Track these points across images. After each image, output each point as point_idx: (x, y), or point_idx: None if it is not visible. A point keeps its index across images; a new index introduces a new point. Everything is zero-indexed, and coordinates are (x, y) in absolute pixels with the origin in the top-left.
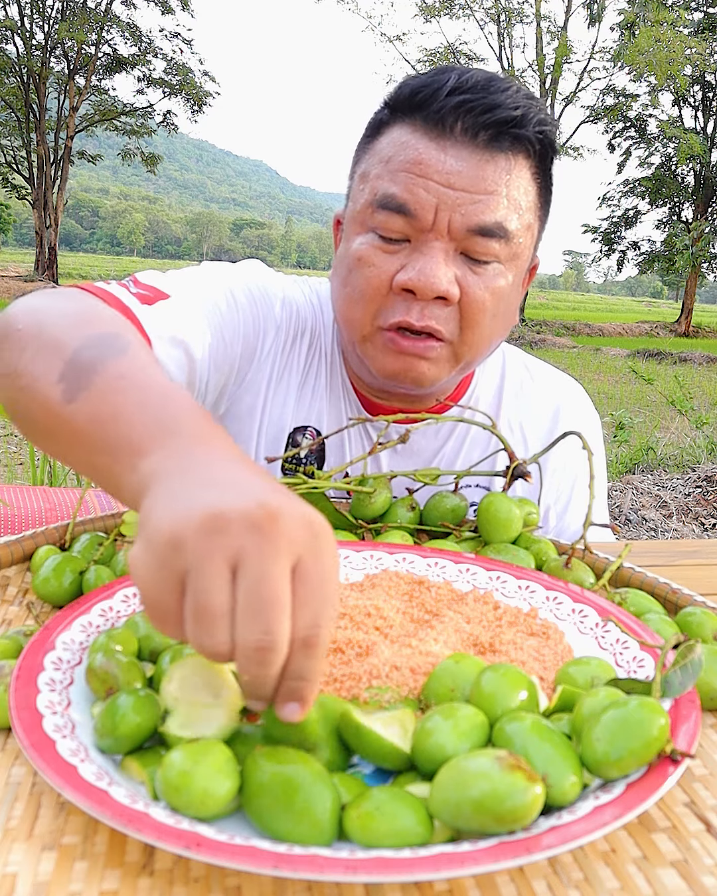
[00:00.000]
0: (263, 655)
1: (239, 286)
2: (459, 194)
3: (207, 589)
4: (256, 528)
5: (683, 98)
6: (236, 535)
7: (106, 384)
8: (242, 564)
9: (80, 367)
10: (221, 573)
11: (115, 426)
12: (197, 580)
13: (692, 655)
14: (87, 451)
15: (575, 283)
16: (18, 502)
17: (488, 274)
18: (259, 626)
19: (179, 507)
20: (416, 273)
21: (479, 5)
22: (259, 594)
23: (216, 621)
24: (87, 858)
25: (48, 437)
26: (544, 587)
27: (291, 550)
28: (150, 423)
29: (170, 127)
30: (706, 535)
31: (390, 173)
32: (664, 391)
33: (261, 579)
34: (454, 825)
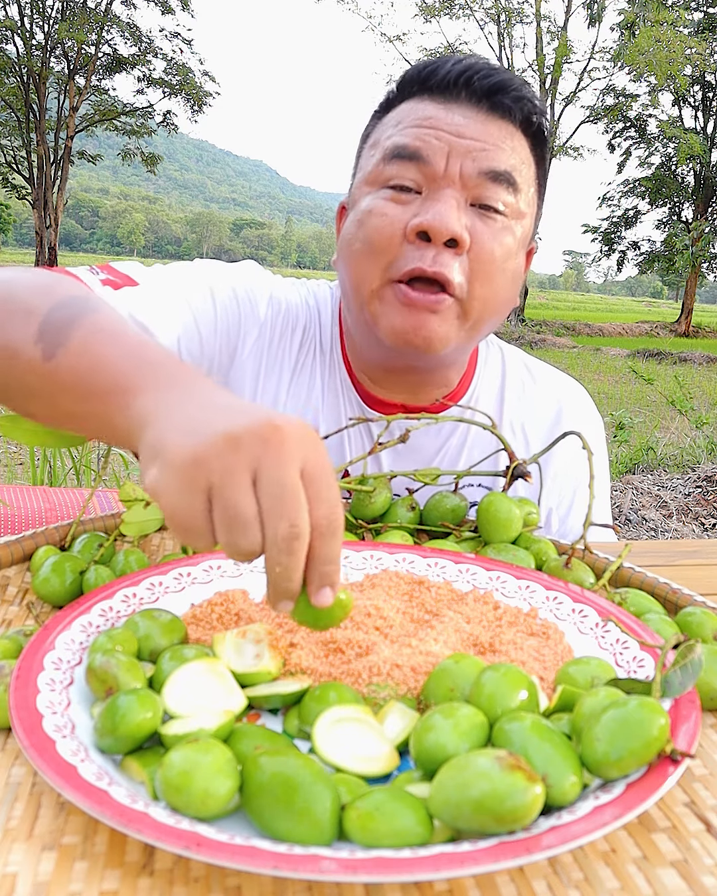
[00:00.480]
0: (291, 544)
1: (222, 284)
2: (469, 142)
3: (236, 498)
4: (268, 442)
5: (683, 98)
6: (251, 449)
7: (83, 338)
8: (261, 473)
9: (55, 325)
10: (245, 483)
11: (100, 373)
12: (225, 492)
13: (692, 655)
14: (72, 400)
15: (575, 283)
16: (18, 502)
17: (497, 225)
18: (285, 520)
19: (194, 431)
20: (430, 215)
21: (479, 5)
22: (281, 494)
23: (248, 524)
24: (87, 858)
25: (30, 397)
26: (544, 587)
27: (298, 457)
28: (134, 367)
29: (170, 127)
30: (706, 535)
31: (401, 130)
32: (664, 391)
33: (279, 482)
34: (454, 825)
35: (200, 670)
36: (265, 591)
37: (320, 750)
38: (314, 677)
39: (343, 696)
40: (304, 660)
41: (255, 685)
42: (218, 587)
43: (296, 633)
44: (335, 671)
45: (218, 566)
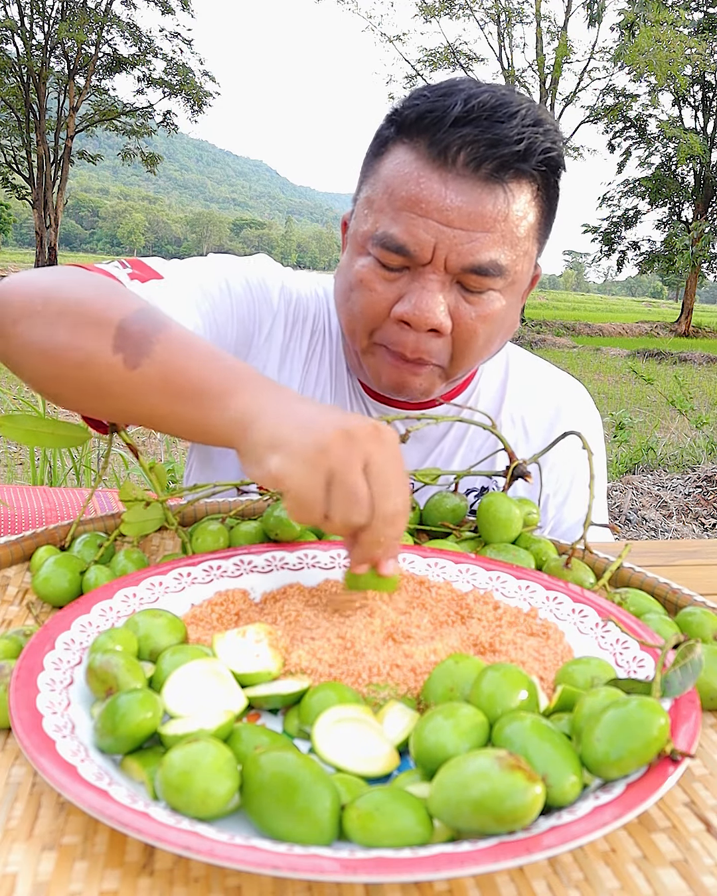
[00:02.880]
0: (397, 519)
1: (236, 275)
2: (456, 232)
3: (354, 481)
4: (375, 438)
5: (683, 98)
6: (364, 443)
7: (164, 349)
8: (372, 463)
9: (133, 337)
10: (360, 469)
11: (188, 379)
12: (346, 476)
13: (692, 655)
14: (159, 403)
15: (575, 283)
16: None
17: (482, 302)
18: (392, 500)
19: (310, 426)
20: (411, 307)
21: (479, 5)
22: (389, 481)
23: (363, 502)
24: (87, 858)
25: (108, 398)
26: (544, 587)
27: (397, 454)
28: (221, 372)
29: (170, 127)
30: (706, 535)
31: (393, 211)
32: (664, 391)
33: (387, 471)
34: (454, 825)
35: (200, 670)
36: (350, 559)
37: (320, 750)
38: (314, 677)
39: (343, 696)
40: (304, 660)
41: (255, 685)
42: (218, 587)
43: (296, 633)
44: (335, 671)
45: (218, 566)
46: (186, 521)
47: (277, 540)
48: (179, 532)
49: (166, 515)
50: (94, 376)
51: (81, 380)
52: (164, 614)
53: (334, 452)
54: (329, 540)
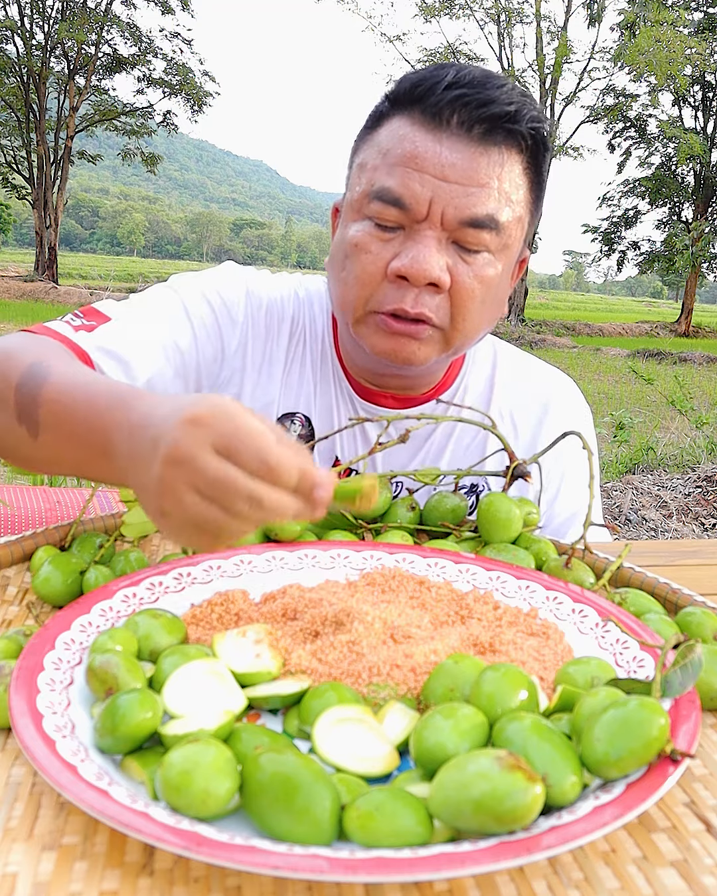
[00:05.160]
0: (280, 470)
1: (194, 296)
2: (452, 187)
3: (215, 476)
4: (200, 423)
5: (683, 98)
6: (199, 436)
7: (49, 414)
8: (219, 446)
9: (24, 405)
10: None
11: (75, 440)
12: (205, 480)
13: (692, 655)
14: (68, 465)
15: (575, 283)
16: (18, 502)
17: (478, 263)
18: (263, 457)
19: (151, 455)
20: (409, 260)
21: (479, 5)
22: (245, 445)
23: (239, 483)
24: (87, 858)
25: (35, 462)
26: (544, 587)
27: (208, 447)
28: (96, 421)
29: (170, 127)
30: (706, 535)
31: (388, 166)
32: (664, 391)
33: (238, 440)
34: (454, 825)
35: (200, 670)
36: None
37: (320, 750)
38: (314, 677)
39: (343, 696)
40: (304, 660)
41: (255, 685)
42: (218, 587)
43: (297, 633)
44: (335, 671)
45: (218, 566)
46: None
47: (277, 540)
48: None
49: None
50: (12, 448)
51: (6, 450)
52: (164, 614)
53: (172, 469)
54: (329, 540)
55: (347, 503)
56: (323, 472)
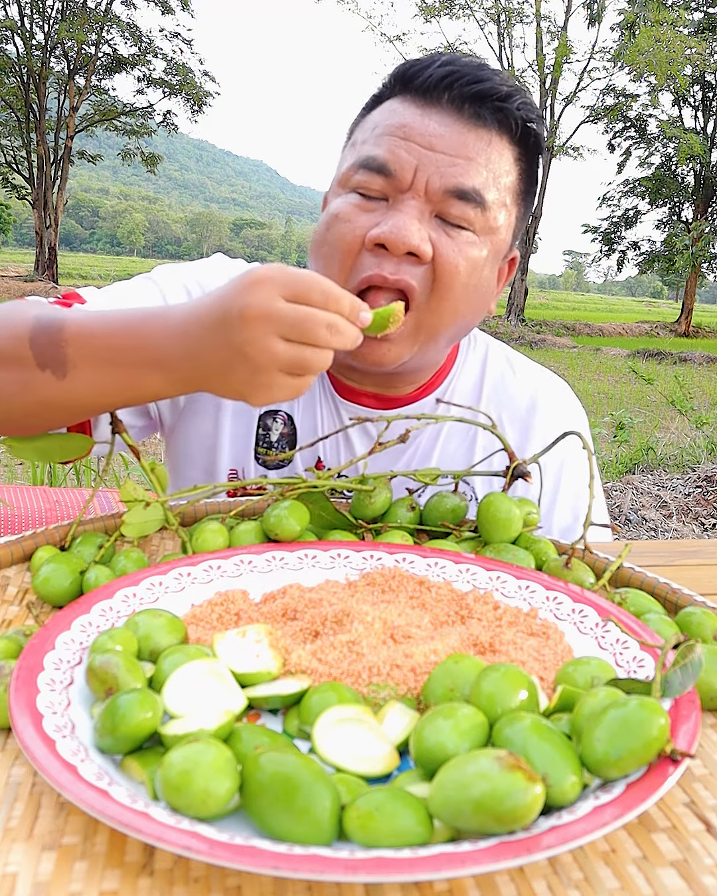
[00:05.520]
0: (331, 297)
1: (172, 284)
2: (439, 156)
3: (295, 317)
4: (261, 280)
5: (683, 98)
6: (264, 291)
7: (78, 349)
8: (286, 294)
9: (45, 350)
10: (287, 309)
11: (118, 368)
12: (288, 322)
13: (692, 655)
14: (109, 394)
15: (575, 283)
16: (18, 502)
17: (462, 239)
18: (321, 290)
19: (229, 315)
20: (388, 227)
21: (479, 5)
22: (304, 286)
23: (318, 317)
24: (87, 858)
25: (61, 409)
26: (544, 587)
27: (278, 272)
28: (135, 340)
29: (170, 127)
30: (706, 535)
31: (375, 137)
32: (664, 391)
33: (297, 282)
34: (454, 825)
35: (200, 670)
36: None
37: (320, 750)
38: (314, 677)
39: (343, 696)
40: (304, 660)
41: (255, 685)
42: (218, 587)
43: (297, 633)
44: (335, 671)
45: (218, 566)
46: (186, 521)
47: (277, 540)
48: (179, 532)
49: (167, 516)
50: (37, 398)
51: (28, 404)
52: (164, 614)
53: (255, 328)
54: (329, 540)
55: (381, 327)
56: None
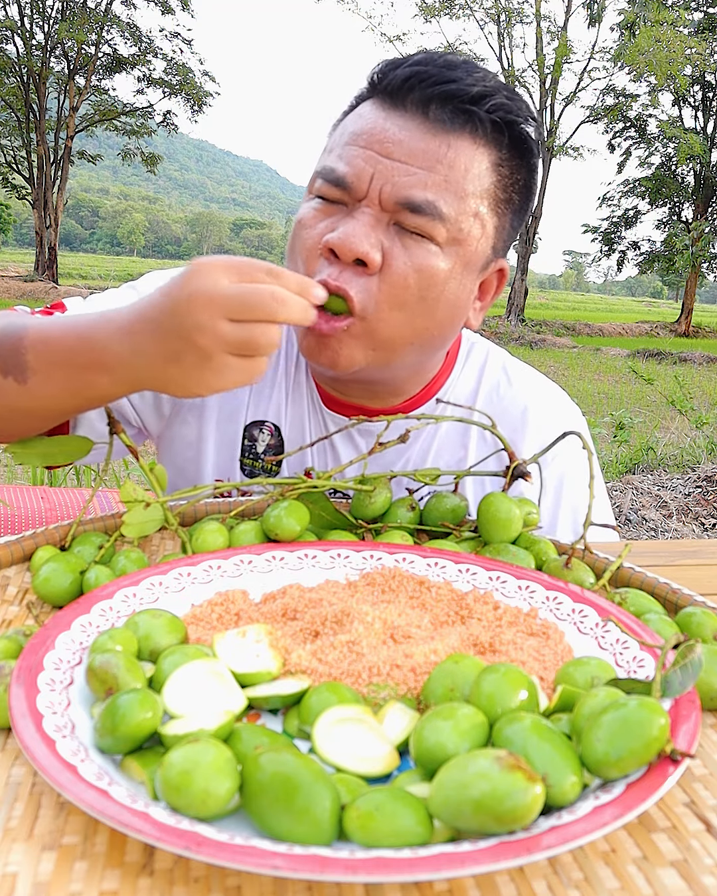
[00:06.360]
0: (271, 274)
1: (141, 295)
2: (394, 164)
3: (243, 292)
4: (205, 268)
5: (683, 98)
6: (208, 276)
7: (36, 354)
8: (229, 274)
9: (7, 358)
10: (230, 287)
11: (70, 372)
12: (234, 303)
13: (692, 655)
14: (64, 397)
15: (575, 283)
16: (18, 502)
17: (418, 250)
18: (263, 271)
19: (177, 305)
20: (338, 233)
21: (479, 5)
22: (247, 267)
23: (263, 292)
24: (87, 858)
25: (24, 414)
26: (544, 587)
27: (223, 278)
28: (84, 342)
29: (170, 127)
30: (706, 535)
31: (340, 146)
32: (664, 391)
33: (240, 266)
34: (454, 825)
35: (200, 670)
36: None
37: (320, 750)
38: (314, 677)
39: (343, 696)
40: (304, 660)
41: (255, 685)
42: (218, 587)
43: (297, 633)
44: (335, 671)
45: (218, 566)
46: (186, 521)
47: (276, 540)
48: (179, 532)
49: (166, 516)
50: (4, 403)
51: (1, 410)
52: (164, 614)
53: (200, 312)
54: (329, 540)
55: (340, 306)
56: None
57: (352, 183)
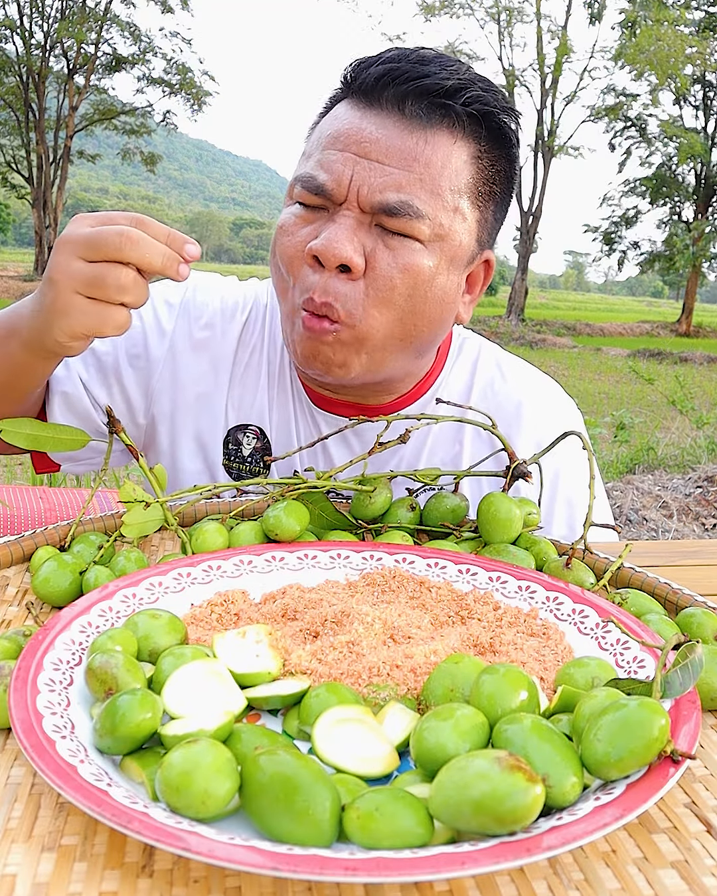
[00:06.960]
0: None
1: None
2: (372, 164)
3: (99, 235)
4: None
5: (683, 97)
6: (76, 228)
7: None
8: (91, 220)
9: None
10: (93, 233)
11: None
12: (91, 246)
13: (692, 656)
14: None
15: (576, 282)
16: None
17: (402, 249)
18: (124, 220)
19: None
20: (321, 240)
21: (479, 4)
22: (107, 217)
23: (121, 233)
24: (86, 859)
25: None
26: (544, 587)
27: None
28: (8, 318)
29: (169, 126)
30: (706, 535)
31: (318, 151)
32: (665, 391)
33: (99, 216)
34: (454, 826)
35: (200, 670)
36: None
37: (320, 750)
38: (314, 677)
39: (343, 696)
40: (304, 660)
41: (255, 686)
42: (218, 587)
43: (297, 633)
44: (335, 671)
45: (218, 566)
46: (185, 521)
47: (276, 540)
48: (178, 532)
49: (166, 516)
50: None
51: None
52: (163, 615)
53: (58, 255)
54: (329, 540)
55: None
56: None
57: (332, 189)
